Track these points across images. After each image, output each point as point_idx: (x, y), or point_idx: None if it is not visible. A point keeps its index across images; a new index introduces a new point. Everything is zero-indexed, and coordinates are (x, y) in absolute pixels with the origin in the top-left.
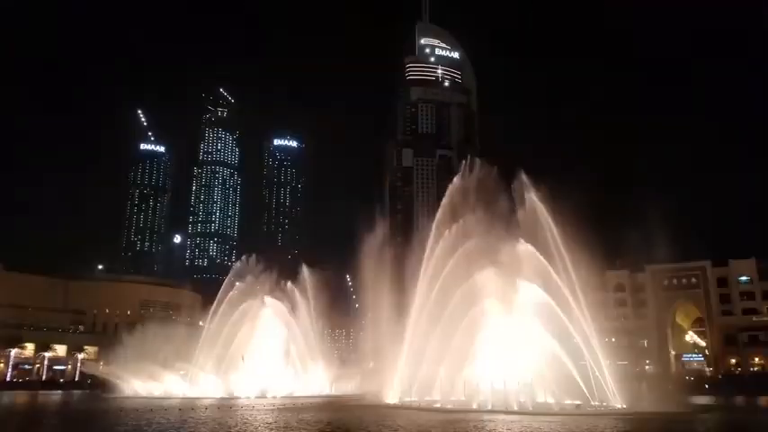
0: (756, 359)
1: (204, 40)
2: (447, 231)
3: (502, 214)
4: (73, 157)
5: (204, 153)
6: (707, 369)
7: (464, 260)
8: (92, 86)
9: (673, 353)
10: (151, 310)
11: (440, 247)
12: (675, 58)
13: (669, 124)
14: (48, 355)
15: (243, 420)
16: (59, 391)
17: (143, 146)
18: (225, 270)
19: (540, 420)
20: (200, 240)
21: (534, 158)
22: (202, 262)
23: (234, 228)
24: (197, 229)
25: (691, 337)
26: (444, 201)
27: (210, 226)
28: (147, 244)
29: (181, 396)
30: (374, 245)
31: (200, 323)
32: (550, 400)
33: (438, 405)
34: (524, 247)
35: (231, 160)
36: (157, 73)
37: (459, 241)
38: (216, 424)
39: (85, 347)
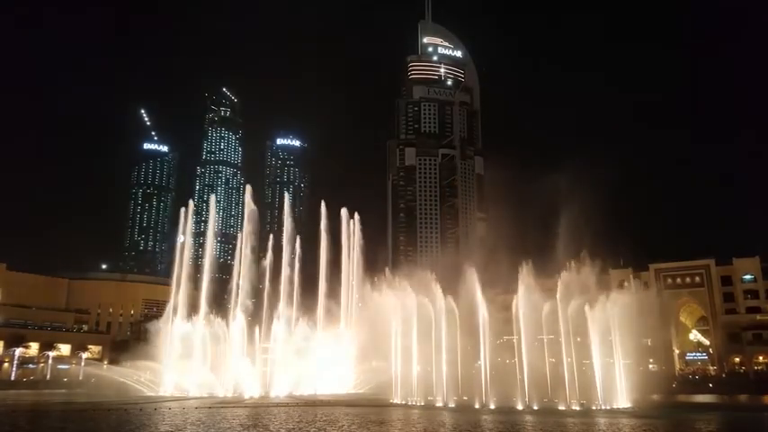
0: (760, 357)
1: (207, 40)
2: None
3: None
4: (77, 156)
5: (207, 152)
6: (711, 368)
7: None
8: (95, 86)
9: (676, 351)
10: (154, 309)
11: None
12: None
13: (672, 122)
14: (52, 354)
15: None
16: (63, 391)
17: (146, 145)
18: (228, 270)
19: (545, 420)
20: (203, 240)
21: (536, 158)
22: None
23: (236, 227)
24: (200, 228)
25: (694, 335)
26: None
27: (213, 226)
28: (150, 243)
29: (188, 395)
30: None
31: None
32: (555, 400)
33: (440, 404)
34: None
35: (234, 159)
36: (161, 73)
37: None
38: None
39: (89, 347)
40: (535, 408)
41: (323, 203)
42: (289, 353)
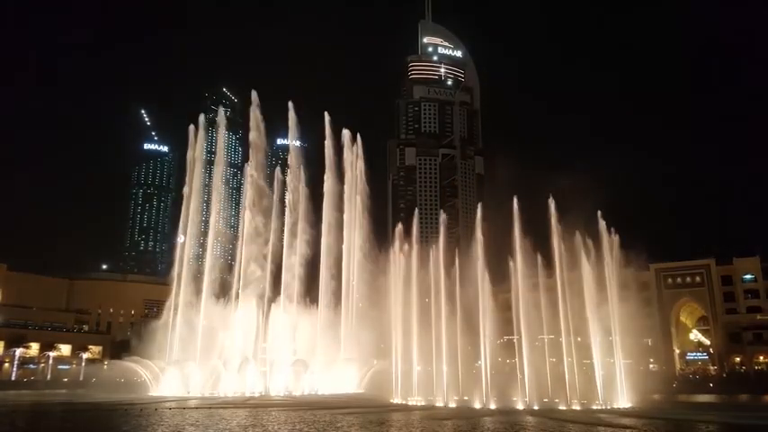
0: (761, 357)
1: (207, 40)
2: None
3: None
4: (77, 156)
5: (207, 152)
6: (711, 367)
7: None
8: (96, 86)
9: (677, 351)
10: (155, 309)
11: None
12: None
13: (673, 120)
14: (52, 354)
15: None
16: (64, 391)
17: (146, 145)
18: (228, 270)
19: (545, 421)
20: (203, 240)
21: (536, 157)
22: (205, 261)
23: (237, 227)
24: (201, 227)
25: (695, 335)
26: None
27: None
28: (150, 243)
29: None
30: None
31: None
32: (555, 400)
33: (440, 404)
34: None
35: (234, 160)
36: (161, 73)
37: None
38: None
39: (90, 347)
40: (536, 408)
41: (326, 115)
42: (289, 351)
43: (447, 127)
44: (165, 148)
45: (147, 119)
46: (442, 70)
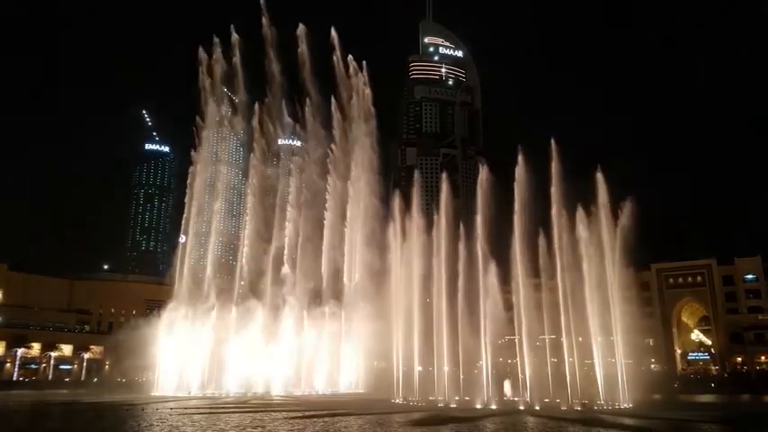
0: (762, 357)
1: (207, 40)
2: None
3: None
4: (78, 157)
5: (209, 153)
6: (713, 367)
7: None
8: (97, 86)
9: (678, 351)
10: (156, 309)
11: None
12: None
13: (672, 119)
14: (54, 354)
15: None
16: (65, 391)
17: (148, 146)
18: (229, 270)
19: (547, 422)
20: (204, 240)
21: (538, 158)
22: (207, 262)
23: (237, 227)
24: (202, 228)
25: (696, 335)
26: None
27: (215, 226)
28: (152, 244)
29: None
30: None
31: None
32: (557, 400)
33: (441, 405)
34: None
35: (236, 160)
36: (162, 73)
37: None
38: None
39: (91, 347)
40: (537, 408)
41: (333, 31)
42: (290, 349)
43: (448, 127)
44: (166, 149)
45: (148, 119)
46: (443, 70)
